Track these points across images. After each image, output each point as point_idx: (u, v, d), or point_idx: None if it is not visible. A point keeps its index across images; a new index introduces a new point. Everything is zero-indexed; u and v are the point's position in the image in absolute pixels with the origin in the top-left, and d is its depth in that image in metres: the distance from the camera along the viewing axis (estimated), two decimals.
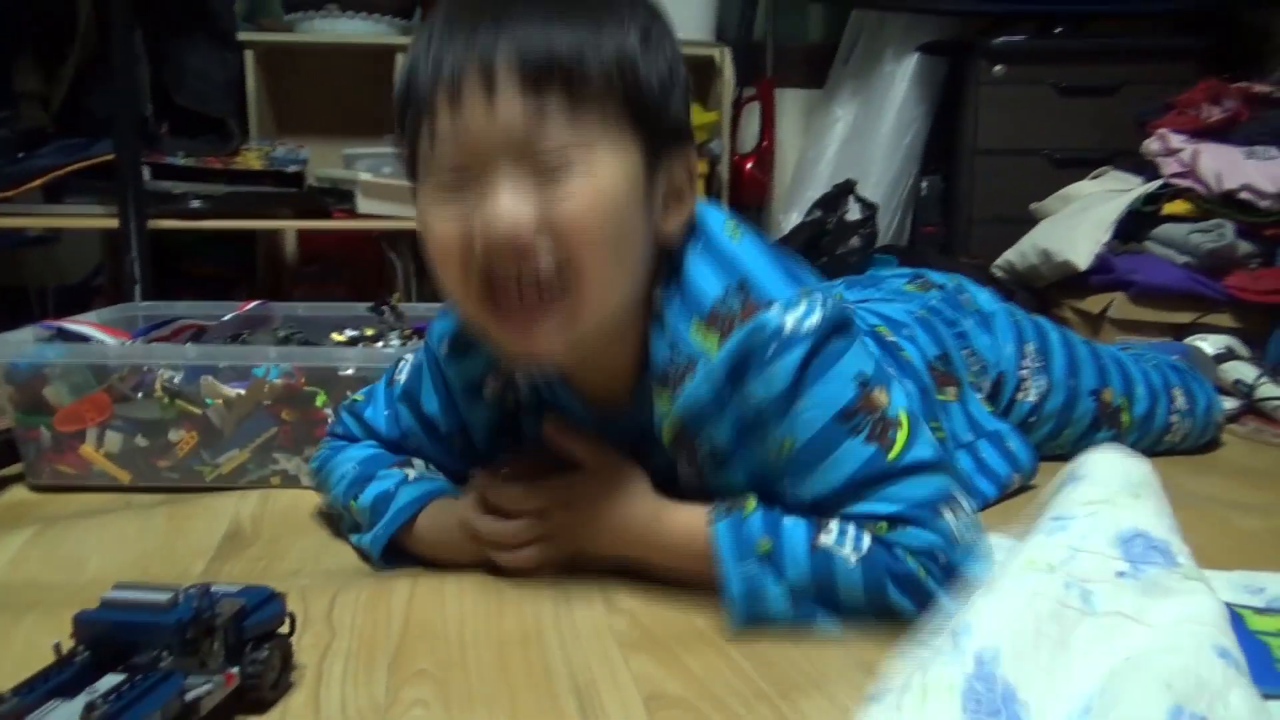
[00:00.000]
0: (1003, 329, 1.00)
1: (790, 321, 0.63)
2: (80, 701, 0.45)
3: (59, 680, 0.48)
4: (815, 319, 0.63)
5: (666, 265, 0.67)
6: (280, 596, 0.56)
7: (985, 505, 0.88)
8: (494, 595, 0.68)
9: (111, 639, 0.50)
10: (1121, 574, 0.53)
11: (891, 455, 0.63)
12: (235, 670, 0.51)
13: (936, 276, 1.05)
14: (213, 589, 0.53)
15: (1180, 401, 1.08)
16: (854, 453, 0.63)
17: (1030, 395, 1.00)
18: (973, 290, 1.04)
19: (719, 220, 0.69)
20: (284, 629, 0.56)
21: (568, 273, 0.60)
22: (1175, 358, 1.19)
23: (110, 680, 0.48)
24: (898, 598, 0.62)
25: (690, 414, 0.66)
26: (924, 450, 0.65)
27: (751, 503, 0.66)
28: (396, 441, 0.80)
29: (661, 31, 0.64)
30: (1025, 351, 1.00)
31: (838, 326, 0.65)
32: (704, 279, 0.65)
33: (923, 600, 0.61)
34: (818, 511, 0.65)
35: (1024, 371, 1.00)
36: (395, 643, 0.61)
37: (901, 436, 0.64)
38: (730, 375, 0.64)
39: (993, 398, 0.98)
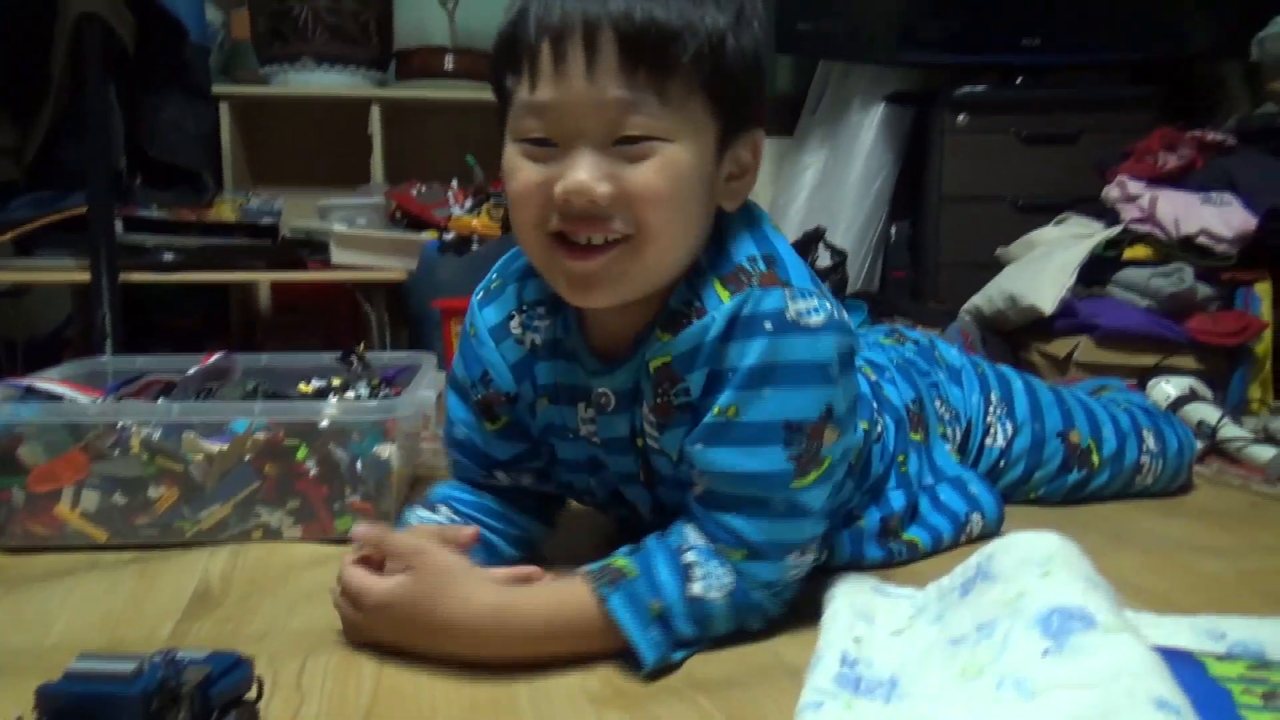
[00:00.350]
0: (969, 381, 1.04)
1: (794, 309, 0.66)
2: None
3: None
4: (817, 319, 0.67)
5: (714, 232, 0.71)
6: (248, 661, 0.56)
7: (939, 543, 0.90)
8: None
9: (75, 712, 0.49)
10: (1047, 652, 0.55)
11: (794, 484, 0.68)
12: None
13: (910, 332, 1.10)
14: (178, 656, 0.53)
15: (1151, 442, 1.10)
16: (773, 458, 0.67)
17: (998, 440, 1.03)
18: (942, 347, 1.09)
19: (764, 213, 0.75)
20: (251, 695, 0.56)
21: (635, 239, 0.65)
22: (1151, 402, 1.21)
23: None
24: (750, 622, 0.70)
25: (683, 351, 0.69)
26: (817, 498, 0.70)
27: (623, 562, 0.68)
28: (464, 441, 0.83)
29: (753, 13, 0.66)
30: (990, 400, 1.04)
31: (843, 357, 0.69)
32: (740, 244, 0.70)
33: (768, 622, 0.71)
34: (704, 497, 0.69)
35: (990, 419, 1.03)
36: (366, 707, 0.61)
37: (814, 475, 0.69)
38: (727, 325, 0.67)
39: (963, 446, 1.01)
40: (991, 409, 1.03)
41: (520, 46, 0.64)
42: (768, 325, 0.66)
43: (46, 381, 1.04)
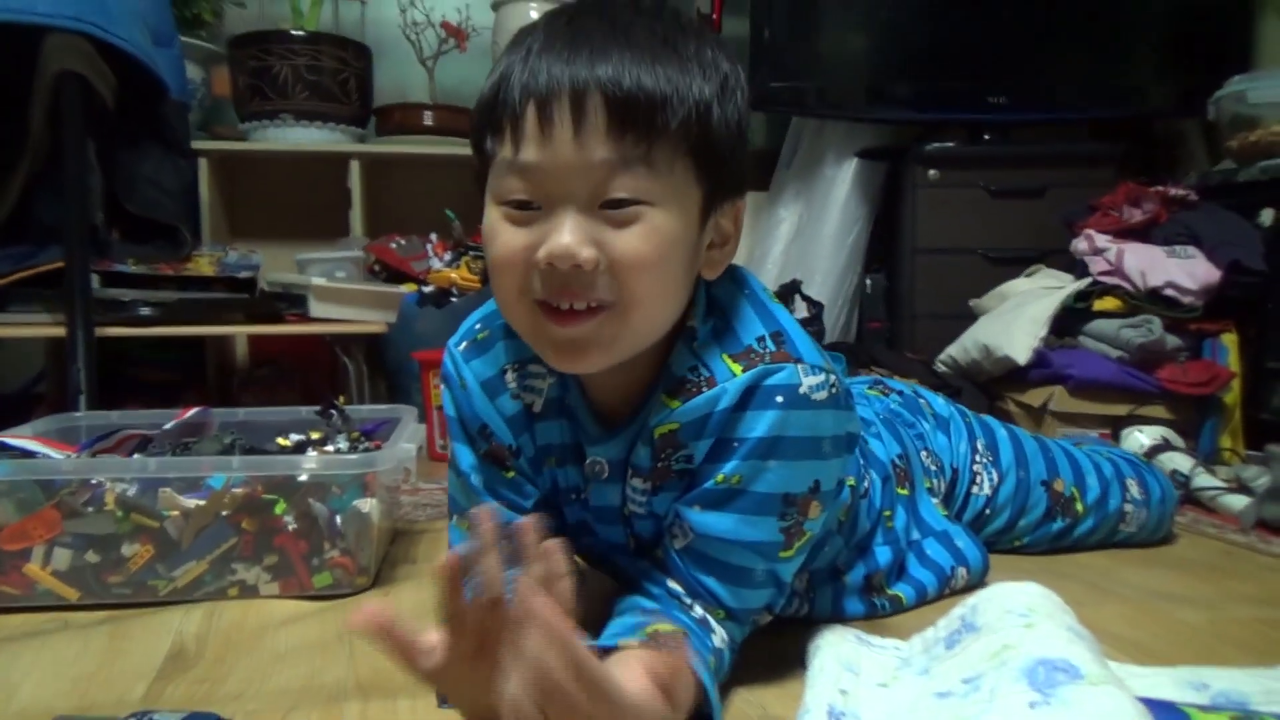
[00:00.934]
0: (957, 429, 1.05)
1: (807, 384, 0.67)
2: None
3: None
4: (821, 395, 0.68)
5: (705, 298, 0.71)
6: None
7: (923, 598, 0.90)
8: (449, 715, 0.67)
9: None
10: (1034, 704, 0.56)
11: (782, 553, 0.70)
12: None
13: (894, 384, 1.11)
14: (154, 718, 0.52)
15: (1134, 490, 1.11)
16: (767, 527, 0.69)
17: (984, 489, 1.04)
18: (929, 396, 1.10)
19: (758, 282, 0.75)
20: None
21: (619, 305, 0.64)
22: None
23: None
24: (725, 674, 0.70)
25: (691, 420, 0.69)
26: (791, 570, 0.72)
27: (667, 626, 0.66)
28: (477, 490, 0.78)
29: (737, 83, 0.67)
30: (976, 448, 1.05)
31: (838, 437, 0.70)
32: (748, 323, 0.70)
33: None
34: (687, 552, 0.70)
35: (976, 467, 1.04)
36: None
37: (796, 546, 0.70)
38: (741, 396, 0.67)
39: (949, 494, 1.02)
40: (978, 456, 1.05)
41: (503, 109, 0.64)
42: (780, 399, 0.66)
43: (18, 438, 1.02)
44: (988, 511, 1.05)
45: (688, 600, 0.69)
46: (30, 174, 1.65)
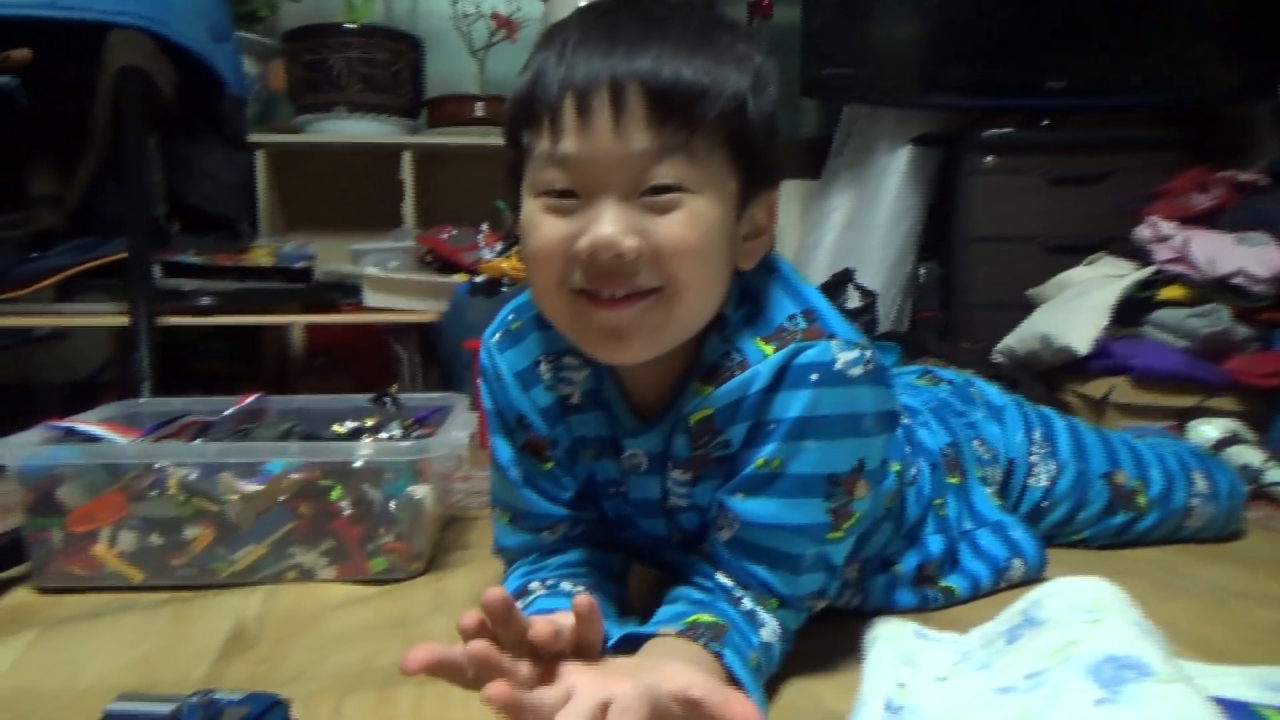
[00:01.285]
0: (1012, 419, 1.02)
1: (842, 359, 0.66)
2: None
3: None
4: (857, 371, 0.66)
5: (739, 288, 0.71)
6: (284, 704, 0.56)
7: (977, 590, 0.88)
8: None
9: None
10: (1100, 701, 0.55)
11: (830, 535, 0.69)
12: None
13: (945, 373, 1.08)
14: (215, 697, 0.53)
15: (1200, 484, 1.07)
16: (813, 510, 0.68)
17: (1041, 480, 1.01)
18: (981, 385, 1.07)
19: (787, 265, 0.74)
20: None
21: (665, 292, 0.64)
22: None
23: None
24: (778, 664, 0.70)
25: (725, 404, 0.68)
26: (843, 552, 0.71)
27: (709, 617, 0.65)
28: (517, 482, 0.78)
29: (769, 78, 0.67)
30: (1033, 439, 1.02)
31: (891, 415, 0.70)
32: (778, 304, 0.70)
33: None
34: (733, 544, 0.69)
35: (1033, 458, 1.01)
36: None
37: (845, 527, 0.69)
38: (774, 377, 0.66)
39: (1005, 486, 0.99)
40: (1034, 447, 1.01)
41: (540, 102, 0.63)
42: (814, 377, 0.65)
43: (86, 423, 1.05)
44: (1045, 504, 1.02)
45: (738, 593, 0.69)
46: (95, 168, 1.69)
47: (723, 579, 0.69)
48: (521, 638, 0.55)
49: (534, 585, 0.74)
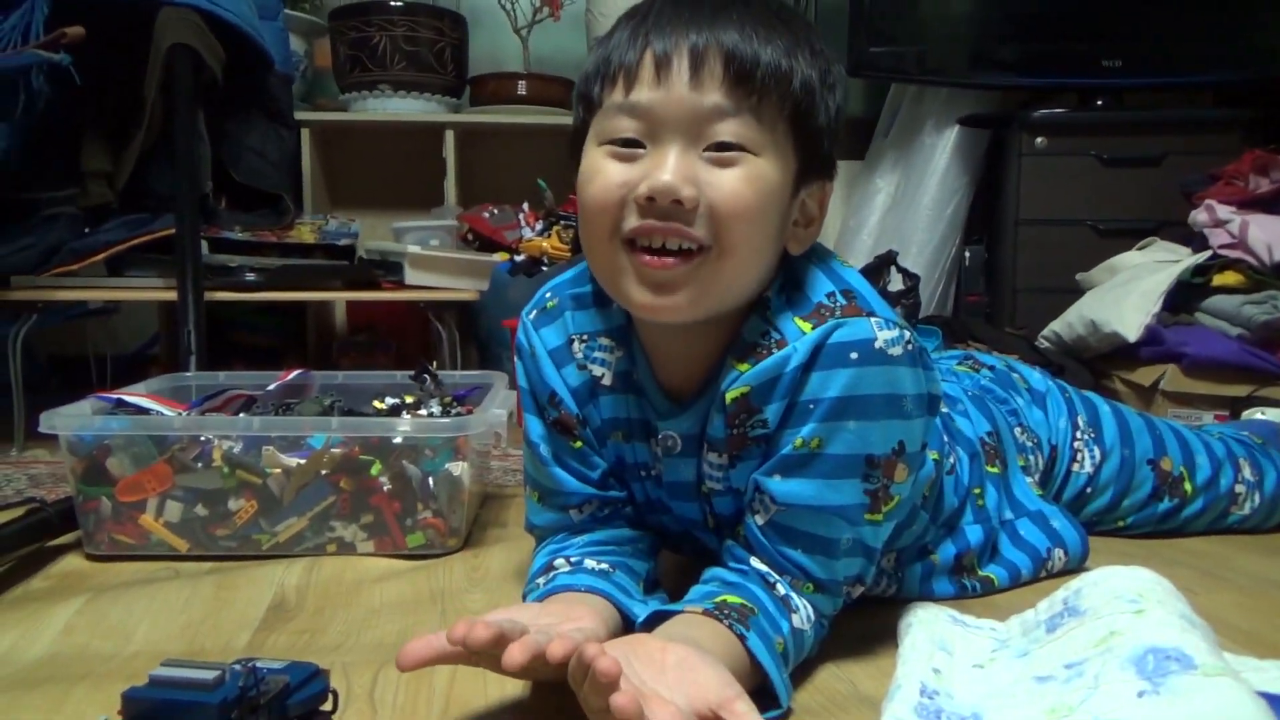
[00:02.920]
0: (1055, 405, 1.01)
1: (881, 337, 0.65)
2: None
3: None
4: (898, 350, 0.65)
5: (783, 274, 0.71)
6: (324, 673, 0.56)
7: (1016, 580, 0.87)
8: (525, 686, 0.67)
9: (157, 717, 0.51)
10: (1143, 693, 0.53)
11: (869, 516, 0.68)
12: None
13: (986, 358, 1.07)
14: (257, 665, 0.53)
15: (1247, 471, 1.05)
16: (851, 490, 0.67)
17: (1085, 466, 1.00)
18: (1024, 370, 1.05)
19: (830, 252, 0.75)
20: (327, 706, 0.56)
21: (714, 250, 0.65)
22: (1247, 434, 1.15)
23: None
24: (813, 653, 0.69)
25: (762, 382, 0.67)
26: (880, 536, 0.70)
27: (737, 599, 0.65)
28: (547, 460, 0.78)
29: (837, 78, 0.69)
30: (1077, 424, 1.00)
31: (931, 398, 0.69)
32: (815, 284, 0.70)
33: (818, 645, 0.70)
34: (769, 528, 0.68)
35: (1077, 444, 1.00)
36: None
37: (885, 511, 0.68)
38: (811, 354, 0.65)
39: (1048, 472, 0.98)
40: (1079, 433, 1.00)
41: (618, 61, 0.66)
42: (854, 355, 0.65)
43: (135, 395, 1.07)
44: (1089, 490, 1.00)
45: (772, 578, 0.68)
46: (146, 145, 1.72)
47: (757, 564, 0.69)
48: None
49: (559, 562, 0.74)
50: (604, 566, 0.73)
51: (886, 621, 0.74)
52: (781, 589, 0.68)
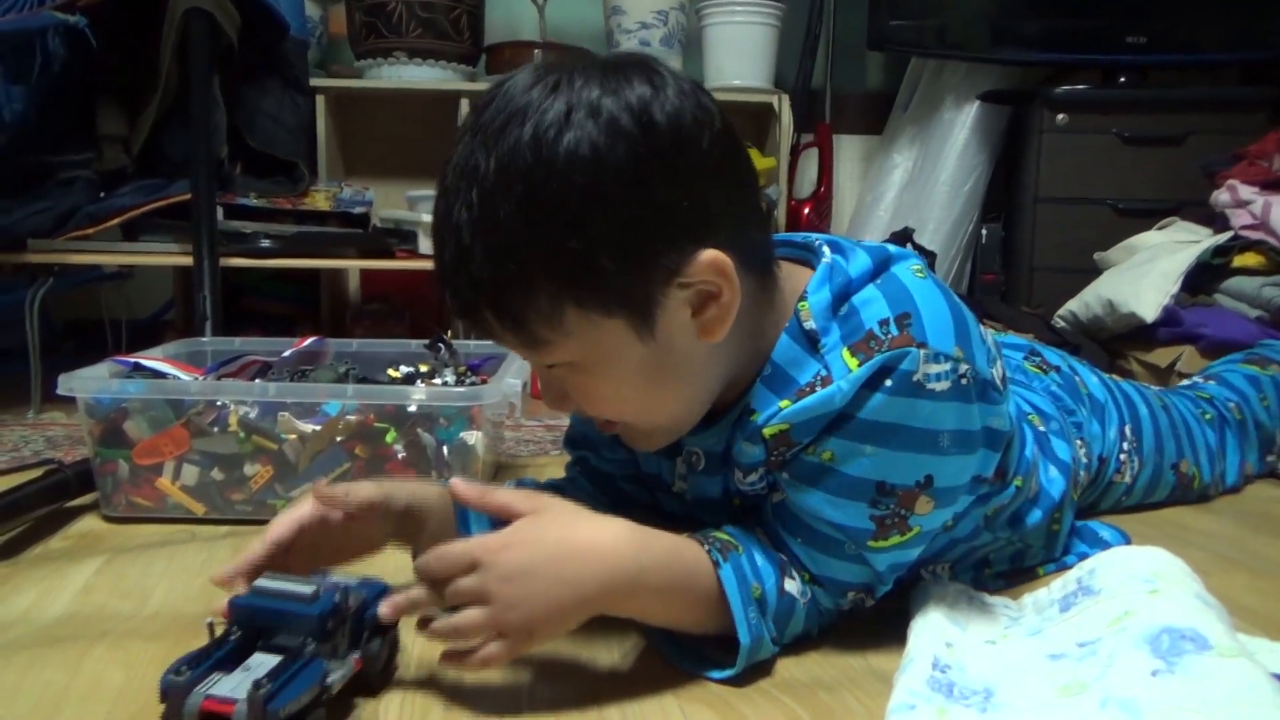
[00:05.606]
0: (1110, 416, 0.98)
1: (924, 371, 0.61)
2: (240, 678, 0.53)
3: (218, 655, 0.55)
4: (943, 385, 0.62)
5: (830, 289, 0.65)
6: (390, 589, 0.60)
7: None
8: (549, 648, 0.68)
9: (260, 622, 0.57)
10: (1156, 672, 0.53)
11: (873, 543, 0.65)
12: (359, 656, 0.57)
13: (1051, 356, 1.02)
14: (337, 581, 0.59)
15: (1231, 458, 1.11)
16: (854, 512, 0.64)
17: (1125, 476, 1.00)
18: (1084, 374, 1.01)
19: (908, 262, 0.68)
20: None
21: (631, 427, 0.68)
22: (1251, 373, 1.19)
23: (260, 659, 0.55)
24: (813, 631, 0.69)
25: (804, 419, 0.63)
26: (886, 561, 0.66)
27: (727, 536, 0.66)
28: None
29: (602, 197, 0.56)
30: (1124, 434, 0.99)
31: (989, 433, 0.67)
32: (873, 305, 0.64)
33: (821, 633, 0.70)
34: (780, 509, 0.67)
35: (1123, 455, 0.99)
36: (449, 693, 0.62)
37: (895, 540, 0.65)
38: (856, 393, 0.61)
39: (1092, 483, 0.97)
40: (1125, 444, 0.99)
41: None
42: (888, 383, 0.61)
43: (152, 359, 1.08)
44: (1123, 499, 1.01)
45: (784, 559, 0.68)
46: (161, 110, 1.72)
47: (761, 537, 0.68)
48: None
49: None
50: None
51: (898, 598, 0.74)
52: (782, 557, 0.67)
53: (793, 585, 0.66)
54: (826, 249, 0.69)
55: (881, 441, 0.62)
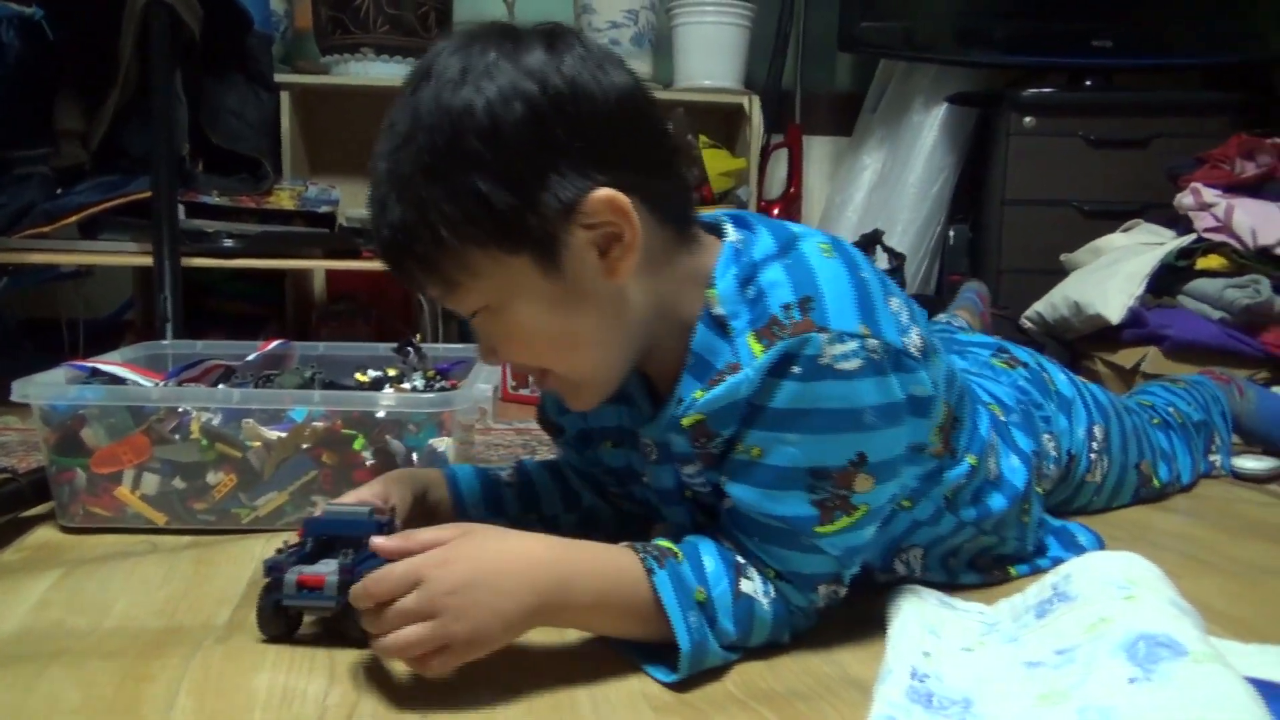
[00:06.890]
0: (1078, 414, 0.99)
1: (829, 353, 0.62)
2: (320, 566, 0.67)
3: (299, 555, 0.69)
4: (853, 364, 0.62)
5: (737, 268, 0.66)
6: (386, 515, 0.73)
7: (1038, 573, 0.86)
8: (523, 658, 0.67)
9: (328, 535, 0.69)
10: (1134, 680, 0.54)
11: (821, 529, 0.65)
12: None
13: (1020, 353, 1.03)
14: (376, 506, 0.72)
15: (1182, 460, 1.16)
16: (795, 503, 0.64)
17: (1096, 476, 1.01)
18: (1052, 371, 1.02)
19: (815, 240, 0.68)
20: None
21: (555, 370, 0.69)
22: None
23: (329, 562, 0.68)
24: (783, 635, 0.69)
25: (716, 409, 0.65)
26: (838, 545, 0.66)
27: (667, 544, 0.67)
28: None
29: (496, 137, 0.60)
30: (1093, 434, 1.00)
31: (914, 401, 0.66)
32: (778, 288, 0.65)
33: (793, 637, 0.69)
34: (732, 513, 0.67)
35: (1092, 455, 1.00)
36: (420, 710, 0.60)
37: (843, 522, 0.65)
38: (763, 380, 0.63)
39: (1061, 480, 0.97)
40: (1094, 444, 1.00)
41: None
42: (796, 370, 0.62)
43: (109, 364, 1.05)
44: (1095, 498, 1.03)
45: (741, 561, 0.67)
46: (120, 105, 1.68)
47: (723, 539, 0.68)
48: None
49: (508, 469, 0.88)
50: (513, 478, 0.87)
51: (873, 604, 0.74)
52: (739, 559, 0.67)
53: (750, 585, 0.66)
54: (730, 227, 0.70)
55: (803, 428, 0.63)
